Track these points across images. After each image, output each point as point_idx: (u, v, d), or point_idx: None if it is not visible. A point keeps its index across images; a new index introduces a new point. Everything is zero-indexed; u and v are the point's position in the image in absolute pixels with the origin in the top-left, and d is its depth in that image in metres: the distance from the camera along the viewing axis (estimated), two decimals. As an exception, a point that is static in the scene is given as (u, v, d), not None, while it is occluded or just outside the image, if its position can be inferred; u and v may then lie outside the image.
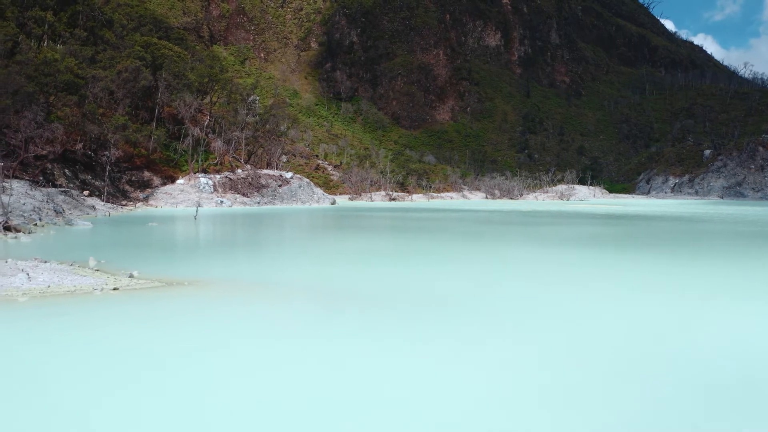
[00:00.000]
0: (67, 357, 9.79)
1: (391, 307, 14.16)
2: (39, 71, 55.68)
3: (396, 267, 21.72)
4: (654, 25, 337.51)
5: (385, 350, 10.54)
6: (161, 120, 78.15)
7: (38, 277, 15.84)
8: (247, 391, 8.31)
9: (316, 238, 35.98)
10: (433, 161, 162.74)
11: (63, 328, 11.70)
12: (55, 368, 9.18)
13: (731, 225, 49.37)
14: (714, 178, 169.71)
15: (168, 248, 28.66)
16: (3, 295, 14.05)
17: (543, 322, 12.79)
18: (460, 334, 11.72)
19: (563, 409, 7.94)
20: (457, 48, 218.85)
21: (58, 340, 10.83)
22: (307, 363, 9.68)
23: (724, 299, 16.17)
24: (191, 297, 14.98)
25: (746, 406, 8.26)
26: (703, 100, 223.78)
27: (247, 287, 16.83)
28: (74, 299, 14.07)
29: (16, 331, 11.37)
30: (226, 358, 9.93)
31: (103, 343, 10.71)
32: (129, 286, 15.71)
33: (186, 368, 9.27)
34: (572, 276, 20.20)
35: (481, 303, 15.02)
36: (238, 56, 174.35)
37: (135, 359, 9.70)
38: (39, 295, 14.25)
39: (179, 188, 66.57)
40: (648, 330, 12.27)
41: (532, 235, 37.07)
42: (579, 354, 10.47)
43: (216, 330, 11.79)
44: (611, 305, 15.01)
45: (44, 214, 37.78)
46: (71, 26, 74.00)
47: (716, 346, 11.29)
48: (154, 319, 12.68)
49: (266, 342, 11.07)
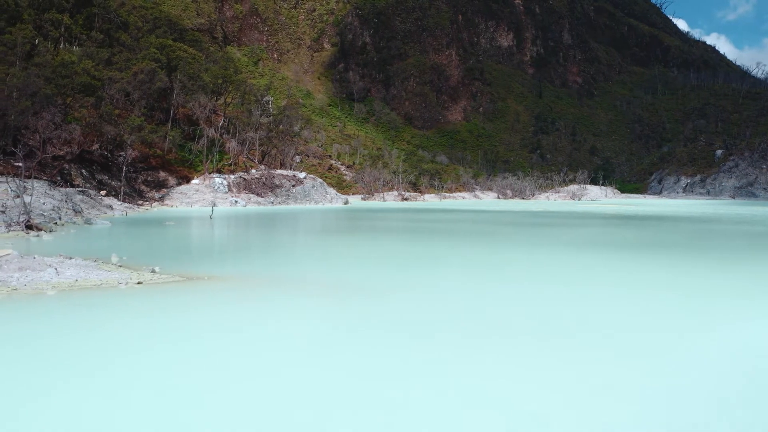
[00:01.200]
0: (100, 341, 10.56)
1: (433, 338, 11.34)
2: (56, 73, 56.62)
3: (430, 283, 19.66)
4: (666, 25, 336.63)
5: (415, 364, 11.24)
6: (176, 121, 79.05)
7: (65, 272, 16.64)
8: (260, 371, 9.07)
9: (328, 239, 36.64)
10: (445, 161, 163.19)
11: (93, 316, 12.52)
12: (89, 351, 9.97)
13: (749, 226, 48.62)
14: (726, 178, 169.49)
15: (186, 246, 29.47)
16: (34, 289, 14.86)
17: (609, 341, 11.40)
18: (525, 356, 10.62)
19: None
20: (469, 48, 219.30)
21: (90, 327, 11.62)
22: (322, 345, 10.48)
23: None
24: (211, 290, 15.82)
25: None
26: (715, 100, 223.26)
27: (264, 282, 17.62)
28: (101, 292, 14.87)
29: (50, 319, 12.19)
30: (246, 343, 10.71)
31: (132, 328, 11.54)
32: (152, 280, 16.50)
33: (210, 351, 10.06)
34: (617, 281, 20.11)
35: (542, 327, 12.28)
36: (251, 57, 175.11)
37: (162, 343, 10.53)
38: (68, 289, 15.05)
39: (194, 188, 67.38)
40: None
41: (556, 238, 35.48)
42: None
43: (236, 318, 12.70)
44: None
45: (63, 214, 38.65)
46: (87, 28, 75.01)
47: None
48: (178, 309, 13.56)
49: (283, 328, 11.87)
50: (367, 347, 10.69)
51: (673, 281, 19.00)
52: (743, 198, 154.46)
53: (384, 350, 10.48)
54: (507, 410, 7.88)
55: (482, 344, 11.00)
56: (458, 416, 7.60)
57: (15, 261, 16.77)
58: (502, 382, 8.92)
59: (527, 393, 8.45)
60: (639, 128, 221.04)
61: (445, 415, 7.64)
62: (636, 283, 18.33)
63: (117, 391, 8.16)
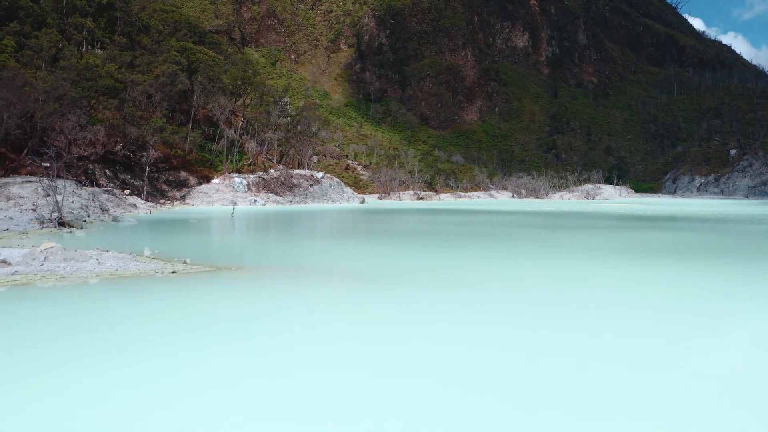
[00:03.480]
0: (146, 319, 12.22)
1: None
2: (81, 76, 58.51)
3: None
4: (681, 25, 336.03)
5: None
6: (197, 122, 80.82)
7: (106, 263, 18.29)
8: (288, 345, 10.68)
9: (346, 237, 38.09)
10: (461, 161, 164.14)
11: (136, 300, 14.25)
12: (138, 326, 11.63)
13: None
14: (739, 178, 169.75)
15: (212, 241, 31.24)
16: (79, 277, 16.55)
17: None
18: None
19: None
20: (485, 49, 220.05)
21: (134, 309, 13.29)
22: (344, 323, 12.16)
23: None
24: (240, 278, 17.63)
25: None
26: (730, 99, 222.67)
27: (287, 271, 19.43)
28: (140, 280, 16.56)
29: (96, 302, 13.96)
30: (278, 322, 12.42)
31: (170, 309, 13.37)
32: (184, 270, 18.13)
33: (245, 328, 11.76)
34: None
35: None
36: (269, 58, 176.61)
37: (200, 321, 12.20)
38: (109, 277, 16.74)
39: (214, 188, 69.01)
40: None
41: (576, 243, 31.16)
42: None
43: (262, 299, 14.67)
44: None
45: (91, 212, 40.41)
46: (110, 32, 76.73)
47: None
48: (211, 293, 15.34)
49: (308, 308, 13.54)
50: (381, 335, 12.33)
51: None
52: (757, 197, 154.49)
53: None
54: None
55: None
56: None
57: (59, 253, 18.37)
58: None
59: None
60: (654, 128, 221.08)
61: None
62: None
63: (167, 357, 9.79)
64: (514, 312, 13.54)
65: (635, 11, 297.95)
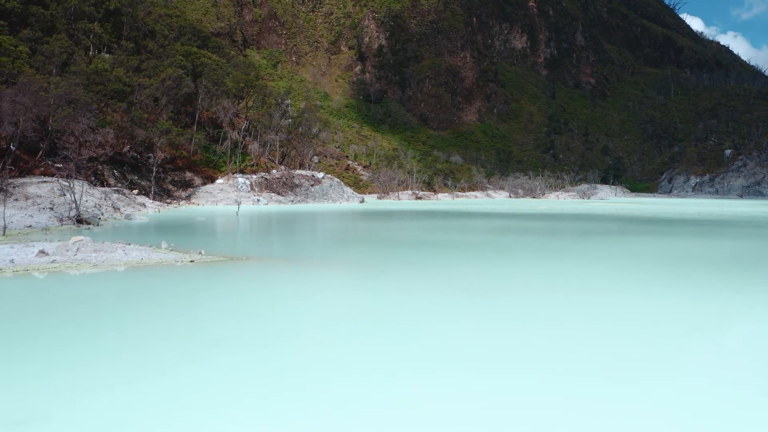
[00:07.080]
0: (170, 299, 14.73)
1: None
2: (91, 80, 60.80)
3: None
4: (679, 26, 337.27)
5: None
6: (201, 124, 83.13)
7: (131, 253, 20.73)
8: (299, 325, 13.15)
9: (346, 232, 40.46)
10: (460, 161, 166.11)
11: (162, 283, 16.84)
12: (165, 305, 14.12)
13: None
14: (734, 178, 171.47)
15: (222, 236, 33.90)
16: (110, 265, 19.06)
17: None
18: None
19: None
20: (483, 50, 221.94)
21: (160, 291, 15.84)
22: (347, 304, 14.65)
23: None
24: (252, 266, 20.34)
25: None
26: (727, 100, 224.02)
27: (295, 261, 22.15)
28: (163, 268, 19.03)
29: (129, 284, 16.49)
30: (283, 299, 14.99)
31: (192, 291, 16.02)
32: (201, 260, 20.59)
33: (261, 308, 14.31)
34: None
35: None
36: (270, 60, 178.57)
37: (218, 302, 14.70)
38: (136, 265, 19.20)
39: (219, 187, 71.23)
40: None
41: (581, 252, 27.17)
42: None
43: (275, 282, 17.31)
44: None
45: (104, 210, 42.74)
46: (116, 36, 78.84)
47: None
48: (228, 279, 17.94)
49: (313, 291, 16.05)
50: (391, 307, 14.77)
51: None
52: (751, 197, 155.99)
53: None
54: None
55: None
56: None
57: (90, 245, 20.77)
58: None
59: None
60: (651, 128, 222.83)
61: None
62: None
63: (194, 321, 12.25)
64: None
65: (633, 12, 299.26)
